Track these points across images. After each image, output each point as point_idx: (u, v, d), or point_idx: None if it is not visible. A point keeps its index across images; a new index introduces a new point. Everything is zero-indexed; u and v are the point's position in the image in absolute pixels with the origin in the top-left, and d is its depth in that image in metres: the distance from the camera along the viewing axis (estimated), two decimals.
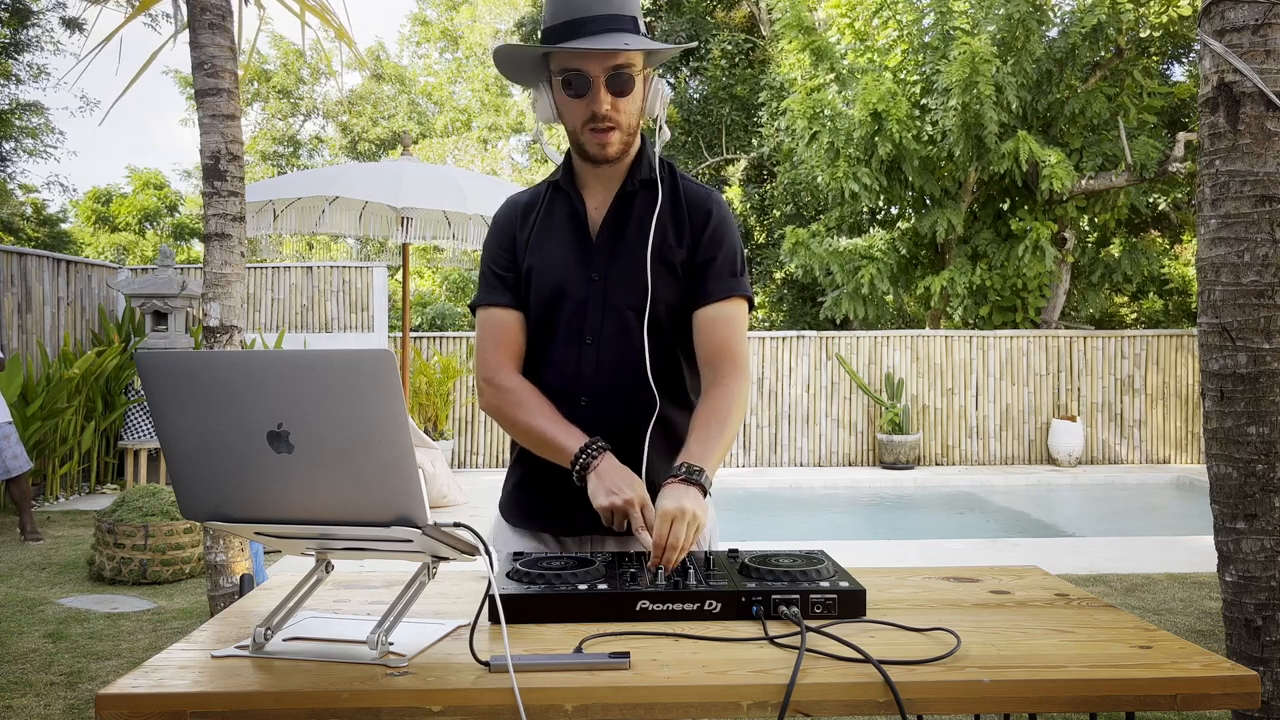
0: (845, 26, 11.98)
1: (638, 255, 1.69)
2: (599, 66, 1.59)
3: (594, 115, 1.62)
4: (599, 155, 1.66)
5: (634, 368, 1.68)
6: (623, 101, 1.63)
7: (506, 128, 26.91)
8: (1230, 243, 2.57)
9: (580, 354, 1.68)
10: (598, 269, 1.69)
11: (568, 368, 1.69)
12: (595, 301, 1.69)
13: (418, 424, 9.63)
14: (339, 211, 7.67)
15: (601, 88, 1.60)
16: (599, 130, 1.63)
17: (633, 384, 1.68)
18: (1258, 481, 2.53)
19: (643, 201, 1.72)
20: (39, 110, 18.00)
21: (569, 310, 1.69)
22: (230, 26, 3.75)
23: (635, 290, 1.68)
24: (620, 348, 1.68)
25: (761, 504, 8.84)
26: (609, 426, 1.66)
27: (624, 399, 1.68)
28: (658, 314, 1.68)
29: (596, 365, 1.68)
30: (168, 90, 64.00)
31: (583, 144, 1.66)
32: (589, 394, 1.68)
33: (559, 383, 1.69)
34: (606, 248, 1.70)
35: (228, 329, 3.72)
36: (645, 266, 1.67)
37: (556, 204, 1.76)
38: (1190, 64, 12.93)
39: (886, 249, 11.64)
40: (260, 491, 1.22)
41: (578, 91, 1.61)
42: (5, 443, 6.26)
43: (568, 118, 1.66)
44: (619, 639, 1.28)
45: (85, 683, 3.67)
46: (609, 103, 1.61)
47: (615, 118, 1.63)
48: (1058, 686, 1.14)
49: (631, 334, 1.68)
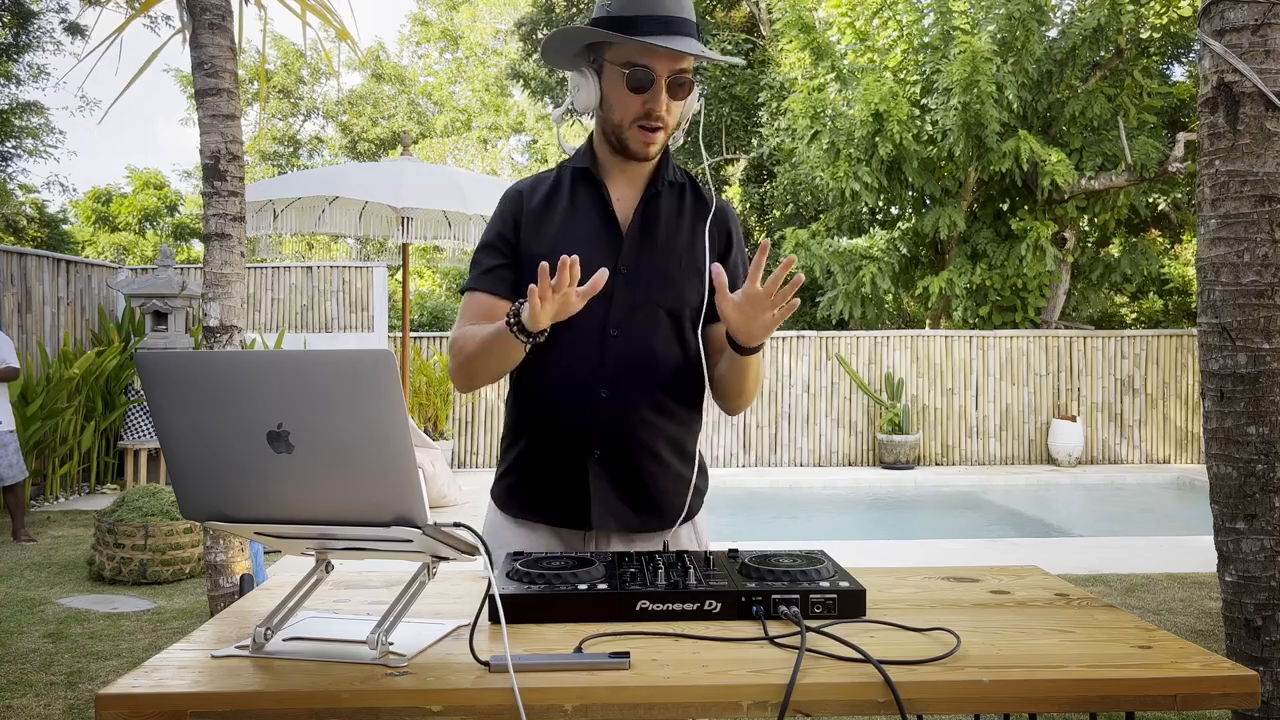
0: (845, 26, 11.98)
1: (670, 256, 1.70)
2: (665, 66, 1.60)
3: (649, 114, 1.62)
4: (642, 153, 1.67)
5: (661, 367, 1.69)
6: (676, 104, 1.65)
7: (506, 128, 26.91)
8: (1230, 243, 2.57)
9: (603, 346, 1.67)
10: (625, 263, 1.69)
11: (588, 359, 1.67)
12: (622, 295, 1.67)
13: (418, 424, 9.63)
14: (339, 211, 7.67)
15: (664, 88, 1.61)
16: (648, 129, 1.63)
17: (657, 383, 1.69)
18: (1258, 481, 2.53)
19: (670, 202, 1.73)
20: (39, 110, 18.00)
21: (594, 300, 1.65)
22: (230, 26, 3.75)
23: (669, 291, 1.69)
24: (645, 344, 1.68)
25: (761, 504, 8.84)
26: (628, 423, 1.66)
27: (647, 397, 1.68)
28: (684, 317, 1.70)
29: (620, 358, 1.67)
30: (168, 90, 63.97)
31: (626, 139, 1.66)
32: (608, 387, 1.67)
33: (576, 374, 1.67)
34: (635, 242, 1.70)
35: (228, 329, 3.72)
36: (682, 268, 1.69)
37: (580, 190, 1.73)
38: (1190, 64, 12.94)
39: (887, 249, 11.64)
40: (260, 491, 1.22)
41: (640, 87, 1.61)
42: (3, 451, 6.27)
43: (619, 110, 1.64)
44: (619, 639, 1.28)
45: (85, 683, 3.67)
46: (666, 104, 1.62)
47: (666, 119, 1.64)
48: (1058, 686, 1.14)
49: (659, 332, 1.68)
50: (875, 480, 9.60)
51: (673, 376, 1.70)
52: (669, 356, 1.69)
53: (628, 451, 1.67)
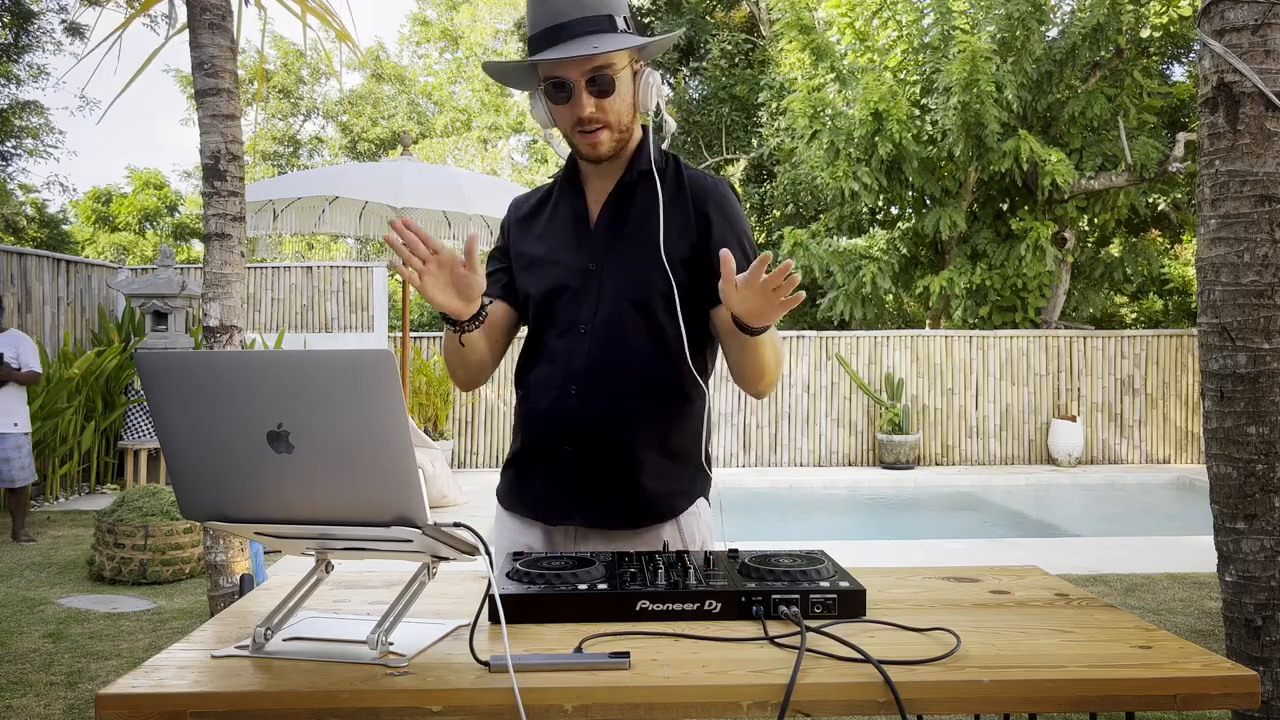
0: (845, 27, 11.98)
1: (638, 246, 1.69)
2: (577, 71, 1.61)
3: (579, 119, 1.64)
4: (591, 155, 1.68)
5: (625, 359, 1.68)
6: (607, 102, 1.64)
7: (506, 128, 26.91)
8: (1230, 243, 2.57)
9: (573, 344, 1.70)
10: (595, 259, 1.71)
11: (561, 358, 1.70)
12: (590, 292, 1.70)
13: (418, 424, 9.63)
14: (339, 211, 7.67)
15: (583, 92, 1.62)
16: (587, 132, 1.65)
17: (623, 376, 1.68)
18: (1258, 481, 2.53)
19: (643, 193, 1.72)
20: (39, 110, 18.01)
21: (565, 300, 1.71)
22: (230, 26, 3.75)
23: (633, 281, 1.68)
24: (612, 338, 1.68)
25: (761, 504, 8.84)
26: (598, 417, 1.67)
27: (613, 390, 1.68)
28: (654, 306, 1.68)
29: (588, 355, 1.68)
30: (168, 90, 64.00)
31: (575, 145, 1.70)
32: (579, 384, 1.68)
33: (552, 373, 1.71)
34: (604, 237, 1.71)
35: (228, 329, 3.72)
36: (645, 258, 1.67)
37: (561, 201, 1.79)
38: (1190, 64, 12.94)
39: (887, 249, 11.64)
40: (260, 491, 1.22)
41: (561, 98, 1.64)
42: (17, 454, 6.36)
43: (558, 122, 1.69)
44: (619, 639, 1.28)
45: (85, 683, 3.67)
46: (592, 105, 1.63)
47: (602, 118, 1.64)
48: (1058, 686, 1.14)
49: (626, 325, 1.68)
50: (875, 480, 9.60)
51: (648, 368, 1.68)
52: (642, 349, 1.68)
53: (606, 450, 1.68)
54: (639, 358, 1.68)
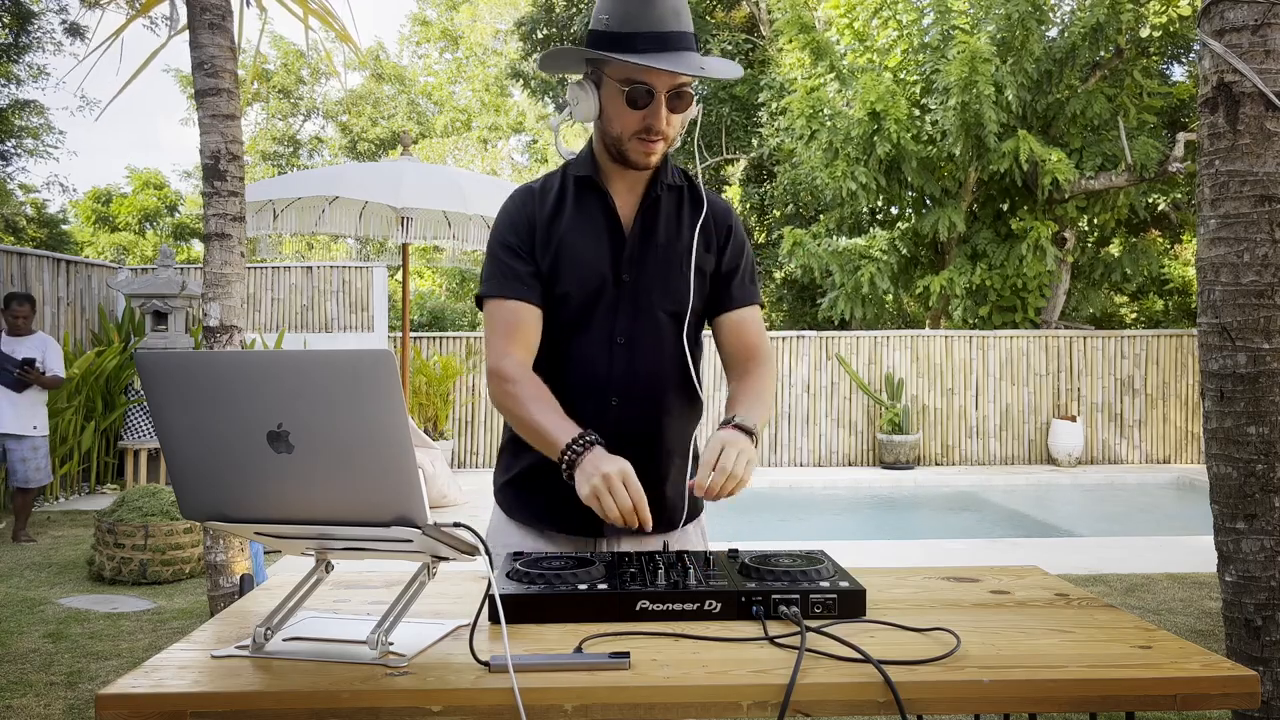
0: (845, 27, 11.98)
1: (669, 259, 1.71)
2: (665, 82, 1.60)
3: (649, 128, 1.62)
4: (643, 164, 1.67)
5: (666, 370, 1.71)
6: (678, 117, 1.65)
7: (506, 128, 26.92)
8: (1230, 243, 2.57)
9: (611, 354, 1.69)
10: (629, 270, 1.70)
11: (598, 368, 1.68)
12: (627, 302, 1.69)
13: (418, 424, 9.63)
14: (339, 211, 7.67)
15: (663, 103, 1.61)
16: (648, 141, 1.63)
17: (664, 386, 1.71)
18: (1258, 481, 2.53)
19: (669, 205, 1.74)
20: (39, 110, 18.01)
21: (601, 309, 1.69)
22: (230, 26, 3.75)
23: (669, 294, 1.70)
24: (652, 350, 1.70)
25: (761, 504, 8.84)
26: (639, 428, 1.68)
27: (656, 401, 1.70)
28: (684, 320, 1.71)
29: (629, 366, 1.69)
30: (168, 90, 63.99)
31: (626, 150, 1.65)
32: (620, 395, 1.69)
33: (588, 382, 1.69)
34: (638, 248, 1.71)
35: (228, 329, 3.72)
36: (681, 270, 1.70)
37: (585, 198, 1.72)
38: (1190, 64, 12.94)
39: (886, 249, 11.64)
40: (260, 491, 1.22)
41: (639, 104, 1.61)
42: (34, 455, 6.40)
43: (618, 124, 1.64)
44: (619, 639, 1.28)
45: (85, 683, 3.67)
46: (666, 118, 1.62)
47: (668, 131, 1.65)
48: (1058, 686, 1.14)
49: (664, 337, 1.70)
50: (875, 480, 9.60)
51: (678, 377, 1.73)
52: (674, 359, 1.71)
53: (640, 457, 1.65)
54: (672, 366, 1.71)
